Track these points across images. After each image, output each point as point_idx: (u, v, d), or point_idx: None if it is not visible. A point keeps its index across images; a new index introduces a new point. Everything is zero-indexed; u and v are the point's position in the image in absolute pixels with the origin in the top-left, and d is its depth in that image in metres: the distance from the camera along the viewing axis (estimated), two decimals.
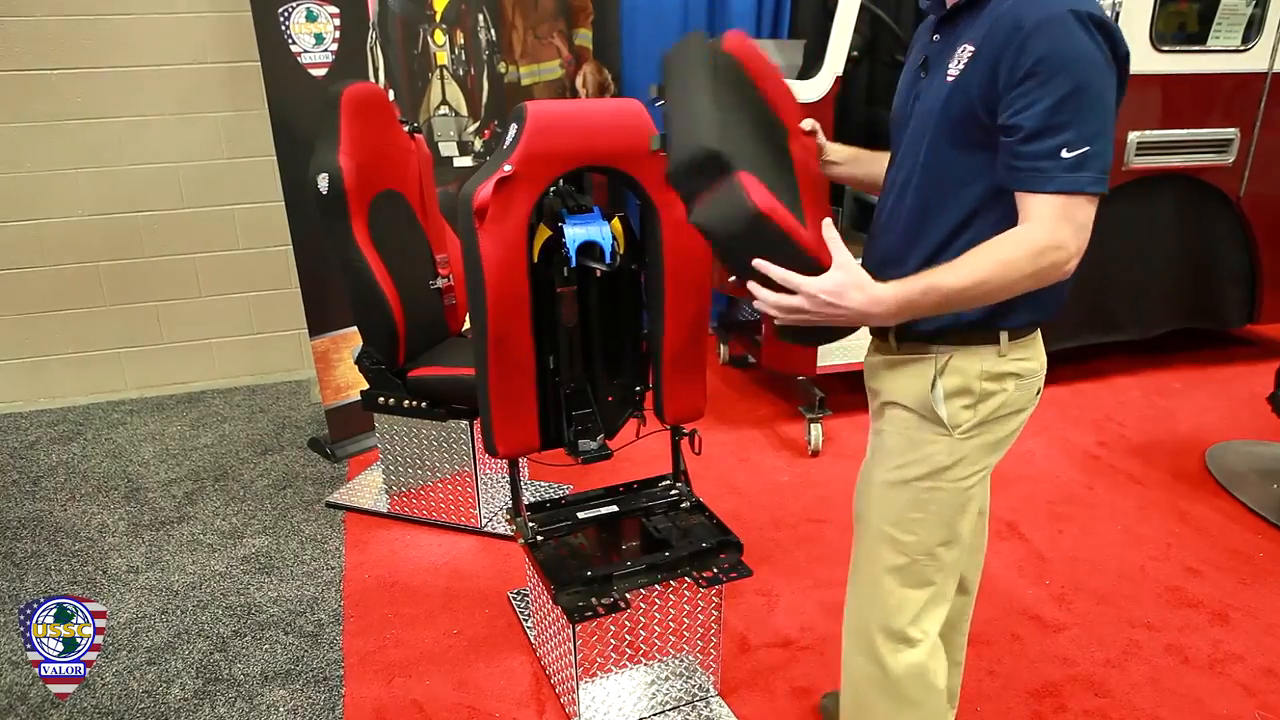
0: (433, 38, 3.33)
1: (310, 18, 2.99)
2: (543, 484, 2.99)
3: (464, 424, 2.68)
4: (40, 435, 3.48)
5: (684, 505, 2.18)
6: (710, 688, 2.10)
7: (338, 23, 3.05)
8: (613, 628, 1.96)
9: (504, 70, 3.51)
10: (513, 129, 1.86)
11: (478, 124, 3.50)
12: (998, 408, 1.43)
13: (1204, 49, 3.44)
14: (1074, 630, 2.33)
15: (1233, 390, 3.72)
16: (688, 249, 1.98)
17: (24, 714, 2.08)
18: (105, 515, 2.90)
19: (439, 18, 3.32)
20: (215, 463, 3.24)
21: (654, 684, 2.08)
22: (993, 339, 1.40)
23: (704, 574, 1.95)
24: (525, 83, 3.59)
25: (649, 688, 2.07)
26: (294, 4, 2.94)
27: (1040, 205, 1.25)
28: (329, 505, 2.93)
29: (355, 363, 2.80)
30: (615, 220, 2.00)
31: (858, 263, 1.30)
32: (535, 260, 1.93)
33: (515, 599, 2.44)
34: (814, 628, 2.32)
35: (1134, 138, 3.39)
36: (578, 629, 1.89)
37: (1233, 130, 3.51)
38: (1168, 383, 3.82)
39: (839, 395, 3.38)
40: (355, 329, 2.85)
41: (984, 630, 2.27)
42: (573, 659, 1.93)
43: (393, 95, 3.24)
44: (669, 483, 2.24)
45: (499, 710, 2.07)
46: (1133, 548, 2.68)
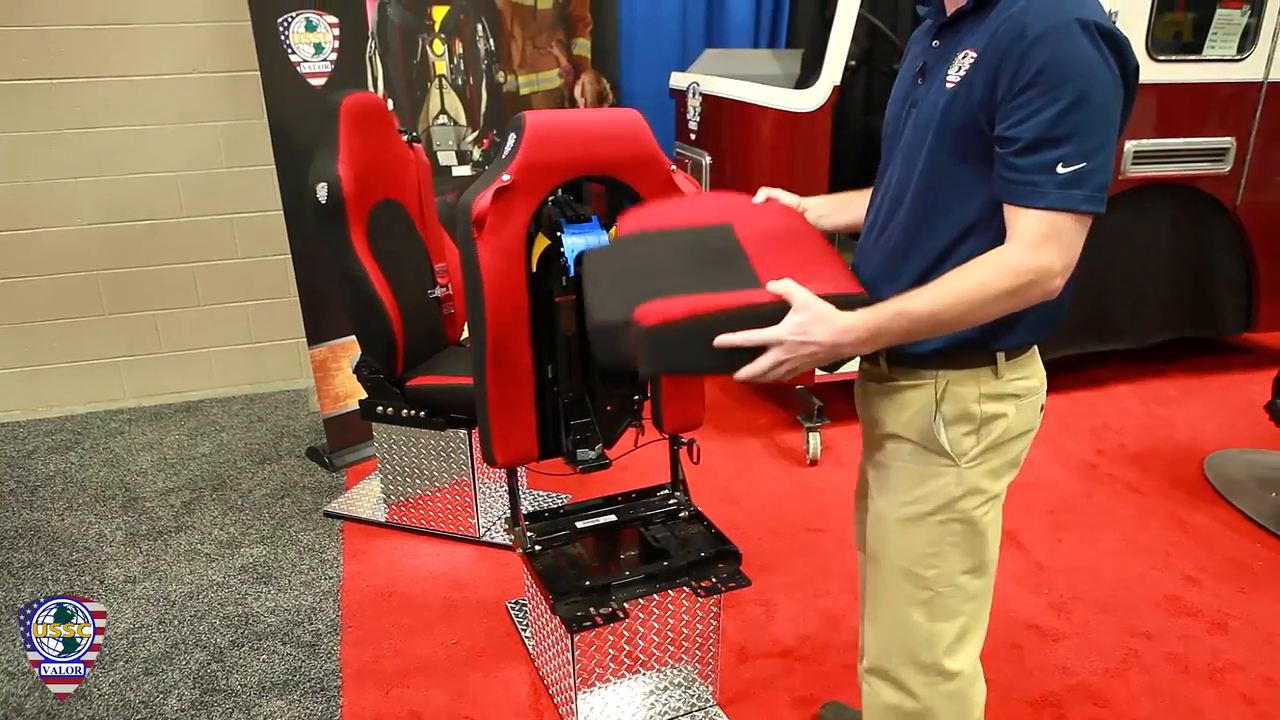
0: (431, 47, 3.34)
1: (309, 28, 3.00)
2: (541, 493, 2.98)
3: (462, 433, 2.68)
4: (38, 444, 3.47)
5: (682, 514, 2.18)
6: (709, 698, 2.09)
7: (337, 33, 3.06)
8: (611, 638, 1.96)
9: (503, 80, 3.52)
10: (511, 138, 1.86)
11: (476, 133, 3.51)
12: (1002, 432, 1.39)
13: (1200, 58, 3.45)
14: (1073, 640, 2.33)
15: (1230, 398, 3.73)
16: None
17: None
18: (103, 525, 2.89)
19: (438, 27, 3.33)
20: (213, 472, 3.23)
21: (653, 694, 2.08)
22: (989, 360, 1.36)
23: (702, 583, 1.95)
24: (524, 92, 3.60)
25: (648, 698, 2.06)
26: (293, 14, 2.95)
27: (1028, 221, 1.20)
28: (327, 515, 2.93)
29: (354, 372, 2.80)
30: (614, 230, 2.00)
31: (822, 302, 1.25)
32: (534, 270, 1.93)
33: (514, 609, 2.44)
34: (813, 637, 2.32)
35: (1131, 146, 3.40)
36: (576, 639, 1.89)
37: (1229, 139, 3.52)
38: (1165, 391, 3.82)
39: (837, 404, 3.38)
40: (354, 338, 2.85)
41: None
42: (571, 669, 1.93)
43: (391, 105, 3.25)
44: (667, 492, 2.23)
45: None
46: (1132, 556, 2.68)
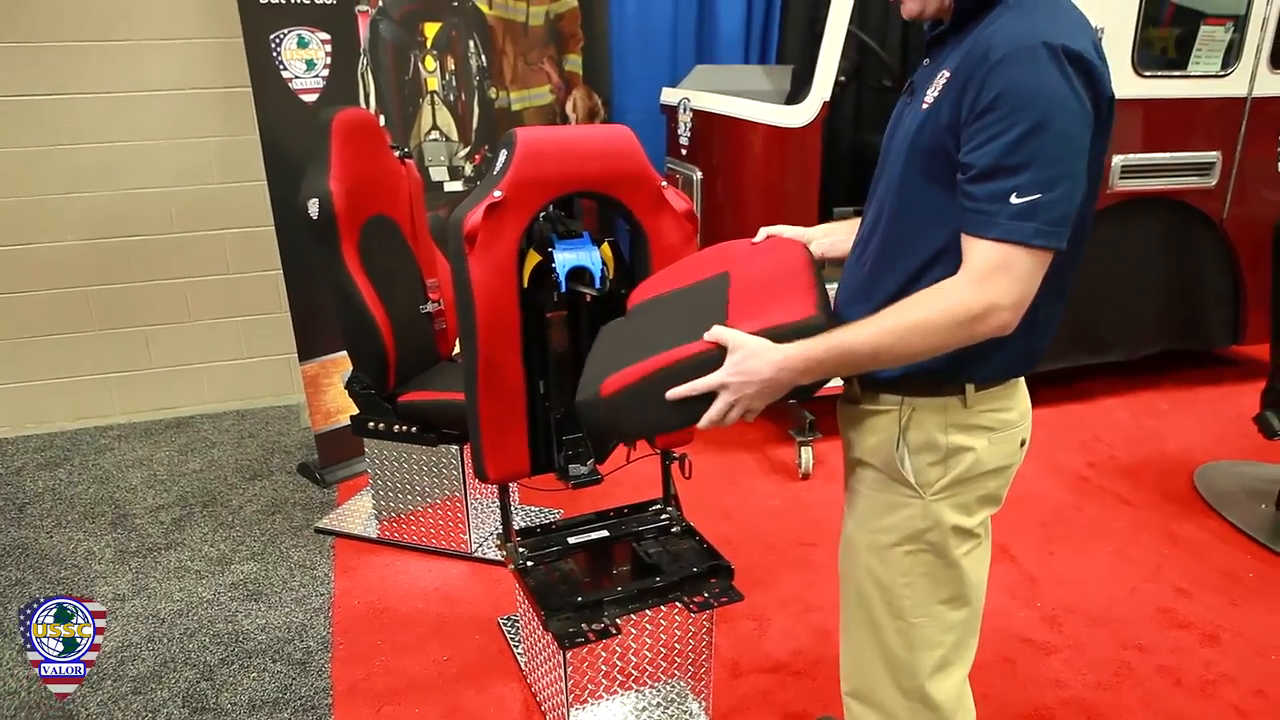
0: (423, 64, 3.35)
1: (302, 44, 3.01)
2: (533, 509, 2.98)
3: (454, 449, 2.68)
4: (26, 461, 3.45)
5: (674, 530, 2.18)
6: (702, 713, 2.09)
7: (329, 49, 3.07)
8: (603, 654, 1.96)
9: (494, 96, 3.54)
10: (503, 155, 1.87)
11: (468, 149, 3.52)
12: (970, 465, 1.33)
13: (1185, 74, 3.49)
14: (1066, 653, 2.33)
15: (1219, 411, 3.75)
16: None
17: None
18: (92, 542, 2.87)
19: (430, 44, 3.35)
20: (203, 488, 3.22)
21: (645, 710, 2.07)
22: (957, 390, 1.31)
23: (695, 599, 1.95)
24: (515, 108, 3.62)
25: (640, 714, 2.06)
26: (286, 30, 2.96)
27: (979, 252, 1.15)
28: (318, 531, 2.91)
29: (345, 387, 2.80)
30: (605, 245, 2.01)
31: (753, 338, 1.24)
32: (525, 285, 1.93)
33: (506, 625, 2.43)
34: (806, 652, 2.32)
35: (1118, 161, 3.43)
36: (569, 655, 1.88)
37: (1214, 154, 3.55)
38: (1155, 403, 3.84)
39: (829, 418, 3.37)
40: (345, 354, 2.85)
41: (975, 654, 2.26)
42: (564, 685, 1.92)
43: (384, 121, 3.26)
44: (659, 507, 2.23)
45: None
46: (1123, 569, 2.69)
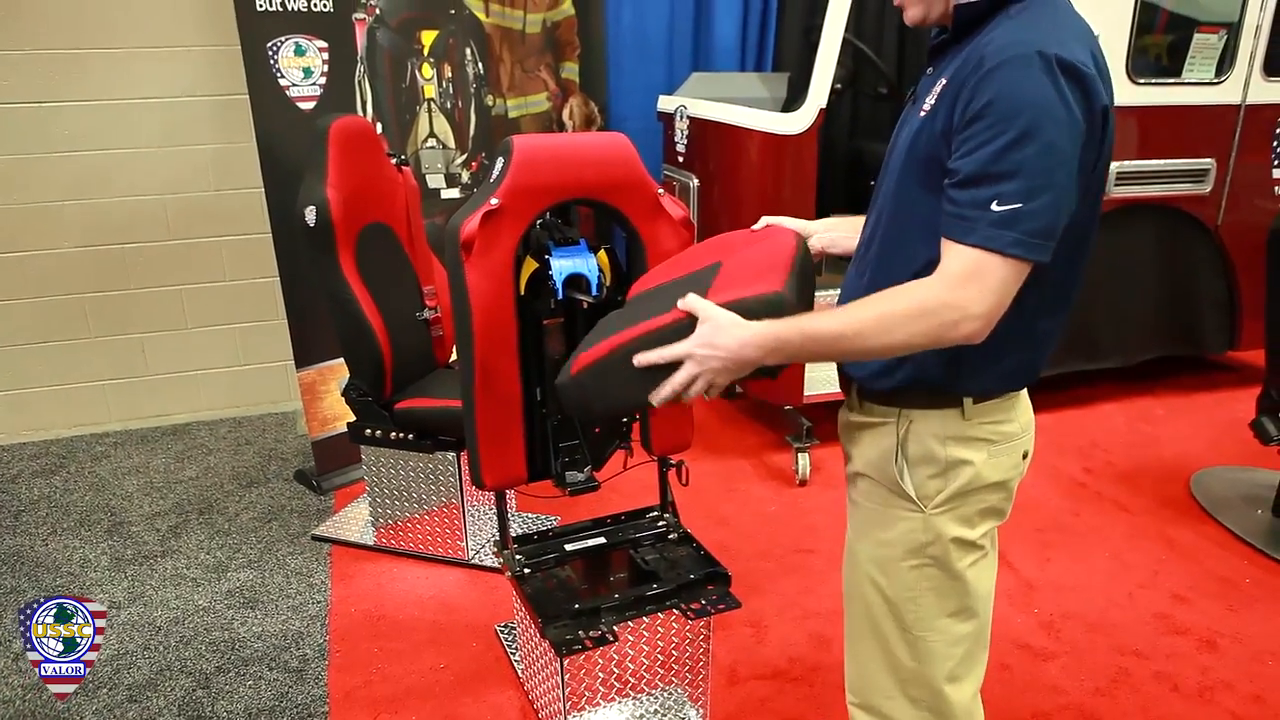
0: (420, 71, 3.36)
1: (299, 52, 3.01)
2: (530, 516, 2.97)
3: (451, 456, 2.67)
4: (22, 468, 3.44)
5: (671, 536, 2.18)
6: None
7: (326, 57, 3.07)
8: (601, 661, 1.95)
9: (491, 103, 3.55)
10: (499, 162, 1.87)
11: (465, 156, 3.52)
12: (970, 479, 1.32)
13: (1179, 81, 3.51)
14: (1063, 659, 2.33)
15: (1215, 416, 3.75)
16: None
17: None
18: (87, 550, 2.87)
19: (427, 51, 3.36)
20: (200, 496, 3.21)
21: (643, 717, 2.06)
22: (954, 402, 1.31)
23: (692, 606, 1.94)
24: (512, 115, 3.63)
25: None
26: (283, 38, 2.97)
27: (954, 256, 1.15)
28: (315, 538, 2.91)
29: (342, 394, 2.79)
30: (601, 252, 2.01)
31: (725, 311, 1.25)
32: (522, 293, 1.94)
33: (503, 632, 2.42)
34: (803, 659, 2.31)
35: (1113, 167, 3.44)
36: (566, 662, 1.88)
37: (1209, 160, 3.57)
38: (1151, 409, 3.85)
39: (826, 424, 3.38)
40: (342, 361, 2.84)
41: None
42: (561, 693, 1.92)
43: (380, 128, 3.26)
44: (656, 514, 2.23)
45: None
46: (1120, 574, 2.69)
